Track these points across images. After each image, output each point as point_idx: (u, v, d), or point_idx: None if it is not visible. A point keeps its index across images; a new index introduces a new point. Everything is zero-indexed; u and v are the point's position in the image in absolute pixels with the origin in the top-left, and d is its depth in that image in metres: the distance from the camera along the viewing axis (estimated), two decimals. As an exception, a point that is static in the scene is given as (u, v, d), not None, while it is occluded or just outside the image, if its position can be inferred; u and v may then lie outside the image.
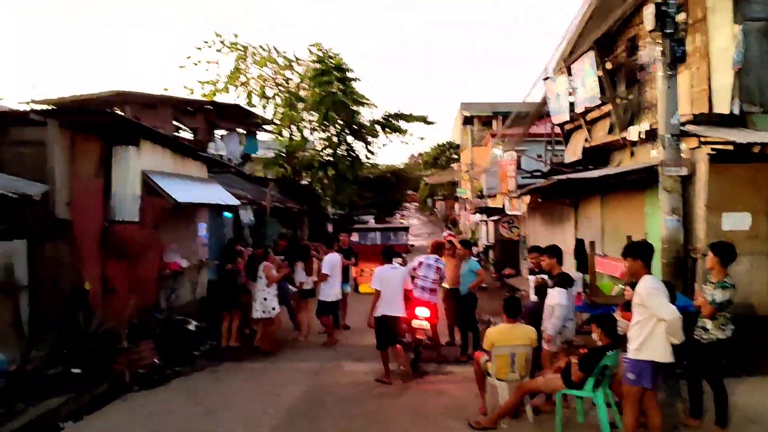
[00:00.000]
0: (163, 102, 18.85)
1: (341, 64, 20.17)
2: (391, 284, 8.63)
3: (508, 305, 6.96)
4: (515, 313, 6.93)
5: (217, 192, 12.85)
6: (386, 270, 8.78)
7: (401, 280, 8.79)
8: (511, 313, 6.91)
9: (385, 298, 8.58)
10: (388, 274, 8.72)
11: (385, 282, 8.62)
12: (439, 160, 66.38)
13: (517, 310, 6.94)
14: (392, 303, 8.59)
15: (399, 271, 8.88)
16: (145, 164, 10.64)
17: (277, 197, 20.31)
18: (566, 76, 14.23)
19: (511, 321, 6.90)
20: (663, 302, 5.33)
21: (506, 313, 6.94)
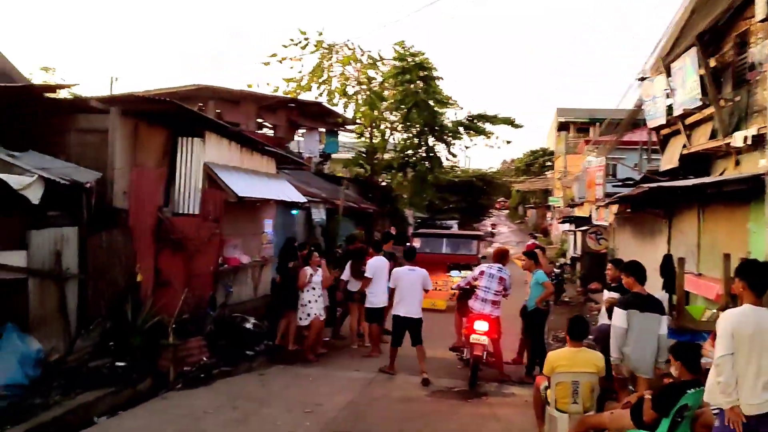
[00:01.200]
0: (245, 98, 18.91)
1: (423, 62, 19.55)
2: (407, 285, 8.84)
3: (573, 326, 6.10)
4: (580, 335, 6.06)
5: (284, 188, 12.56)
6: (404, 271, 9.01)
7: (419, 282, 8.92)
8: (576, 335, 6.05)
9: (403, 300, 8.83)
10: (404, 275, 8.94)
11: (401, 283, 8.88)
12: (532, 167, 64.61)
13: (582, 332, 6.08)
14: (411, 304, 8.82)
15: (417, 273, 8.99)
16: (208, 156, 10.44)
17: (352, 197, 19.96)
18: (664, 75, 12.96)
19: (576, 344, 6.04)
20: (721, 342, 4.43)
21: (570, 335, 6.09)
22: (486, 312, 8.55)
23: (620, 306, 6.51)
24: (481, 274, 8.80)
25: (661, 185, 10.03)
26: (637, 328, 6.37)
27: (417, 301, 8.92)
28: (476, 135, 21.87)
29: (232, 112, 18.59)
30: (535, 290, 9.07)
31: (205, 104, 17.97)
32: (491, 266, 8.85)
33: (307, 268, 9.94)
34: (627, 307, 6.43)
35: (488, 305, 8.60)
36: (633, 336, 6.40)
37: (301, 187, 16.83)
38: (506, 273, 8.82)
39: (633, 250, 15.44)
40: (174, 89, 17.37)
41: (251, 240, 12.03)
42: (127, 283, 8.65)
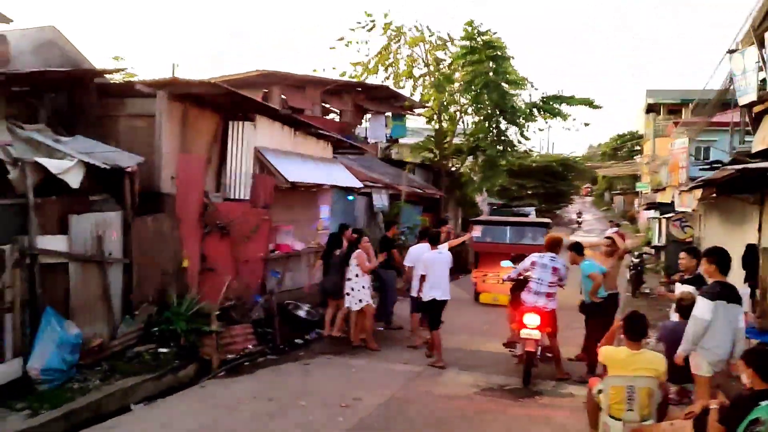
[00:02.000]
0: (310, 83, 18.79)
1: (493, 42, 18.68)
2: (435, 269, 8.81)
3: (630, 323, 5.43)
4: (639, 333, 5.38)
5: (339, 173, 12.25)
6: (433, 255, 8.95)
7: (446, 265, 8.96)
8: (633, 333, 5.37)
9: (433, 283, 8.77)
10: (433, 259, 8.90)
11: (430, 267, 8.84)
12: (619, 152, 61.90)
13: (641, 331, 5.39)
14: (440, 287, 8.78)
15: (444, 255, 9.00)
16: (259, 141, 10.27)
17: (418, 183, 19.47)
18: (756, 47, 11.70)
19: (633, 344, 5.36)
20: None
21: (627, 334, 5.41)
22: (540, 305, 7.89)
23: (707, 296, 5.77)
24: (532, 264, 8.14)
25: (746, 167, 8.97)
26: (720, 321, 5.66)
27: (447, 283, 8.99)
28: (551, 117, 20.82)
29: (296, 97, 18.52)
30: (586, 283, 8.31)
31: (270, 90, 17.95)
32: (543, 256, 8.16)
33: (363, 253, 9.55)
34: (715, 298, 5.70)
35: (542, 297, 7.94)
36: (716, 329, 5.70)
37: (363, 172, 16.55)
38: (560, 262, 8.12)
39: (720, 239, 14.18)
40: (237, 76, 17.44)
41: (306, 226, 11.82)
42: (174, 269, 8.59)
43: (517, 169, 37.92)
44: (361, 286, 9.42)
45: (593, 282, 8.13)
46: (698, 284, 7.11)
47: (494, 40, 18.95)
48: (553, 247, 8.26)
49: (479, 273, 12.38)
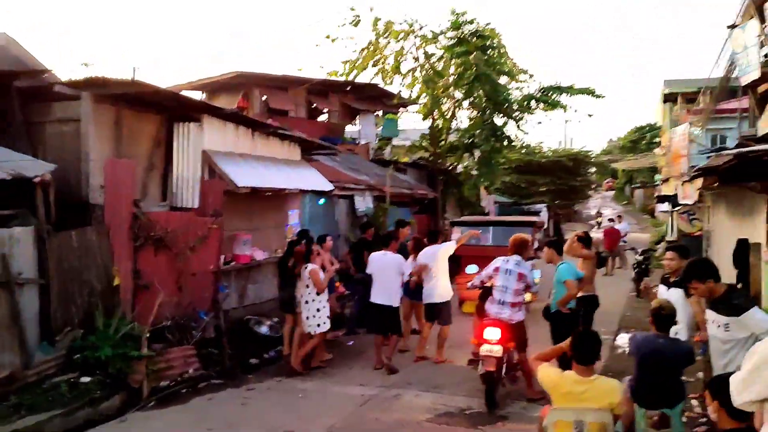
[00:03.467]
0: (292, 83, 17.97)
1: (480, 31, 17.67)
2: (384, 272, 8.48)
3: (579, 343, 4.48)
4: (589, 356, 4.42)
5: (307, 176, 11.38)
6: (377, 256, 8.70)
7: (396, 268, 8.53)
8: (583, 355, 4.42)
9: (379, 286, 8.49)
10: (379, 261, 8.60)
11: (377, 269, 8.55)
12: (638, 144, 60.30)
13: (591, 352, 4.43)
14: (386, 292, 8.44)
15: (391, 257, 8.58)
16: (208, 144, 9.46)
17: (409, 183, 18.55)
18: (757, 19, 10.63)
19: (584, 369, 4.41)
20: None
21: (575, 356, 4.46)
22: (504, 316, 6.94)
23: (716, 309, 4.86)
24: (495, 270, 7.18)
25: (742, 151, 7.92)
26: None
27: (397, 288, 8.58)
28: (550, 109, 19.74)
29: (279, 98, 17.73)
30: (559, 289, 7.33)
31: (249, 92, 17.18)
32: (507, 260, 7.20)
33: (317, 270, 8.46)
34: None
35: (506, 308, 6.98)
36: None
37: (346, 174, 15.69)
38: (526, 267, 7.15)
39: (729, 232, 13.06)
40: (213, 78, 16.71)
41: (271, 234, 10.97)
42: (103, 287, 7.80)
43: (525, 165, 36.79)
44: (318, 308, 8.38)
45: (567, 290, 7.14)
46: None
47: (482, 29, 17.94)
48: (519, 249, 7.28)
49: (462, 279, 11.37)
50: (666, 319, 5.31)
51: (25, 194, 7.17)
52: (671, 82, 44.40)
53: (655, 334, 5.29)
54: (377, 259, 8.70)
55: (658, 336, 5.25)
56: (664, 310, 5.38)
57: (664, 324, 5.30)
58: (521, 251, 7.25)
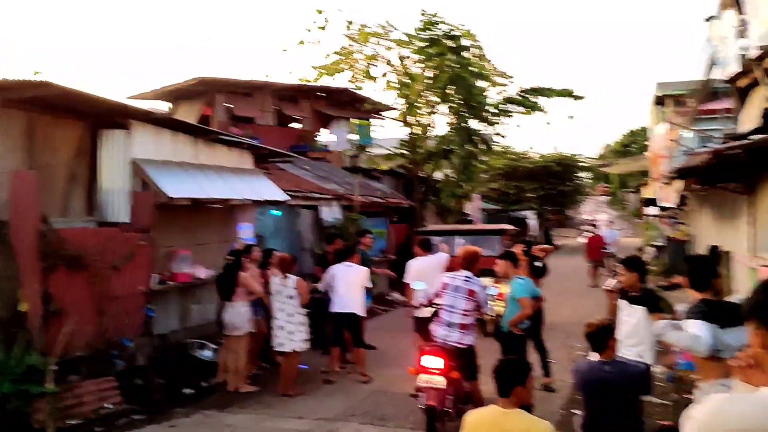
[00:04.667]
0: (259, 89, 17.19)
1: (453, 30, 16.92)
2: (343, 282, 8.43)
3: (501, 371, 3.66)
4: (509, 385, 3.60)
5: (258, 186, 10.55)
6: (339, 269, 8.56)
7: (357, 278, 8.49)
8: (503, 384, 3.60)
9: (338, 296, 8.44)
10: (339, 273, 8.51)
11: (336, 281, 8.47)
12: (630, 148, 59.82)
13: (511, 380, 3.60)
14: (345, 300, 8.40)
15: (354, 269, 8.54)
16: (139, 152, 8.64)
17: (384, 192, 17.73)
18: (735, 9, 9.90)
19: (505, 401, 3.58)
20: None
21: (496, 385, 3.64)
22: (451, 340, 6.13)
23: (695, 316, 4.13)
24: (443, 287, 6.37)
25: (719, 148, 7.17)
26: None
27: (357, 296, 8.50)
28: (528, 112, 19.00)
29: (244, 105, 16.94)
30: (511, 306, 6.52)
31: (213, 99, 16.39)
32: (455, 276, 6.39)
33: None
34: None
35: (455, 330, 6.17)
36: None
37: (313, 183, 14.92)
38: (477, 284, 6.33)
39: (714, 237, 12.31)
40: (176, 85, 15.93)
41: (218, 250, 10.13)
42: (7, 315, 6.95)
43: (512, 171, 36.06)
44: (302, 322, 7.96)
45: (521, 309, 6.33)
46: (649, 302, 5.42)
47: (455, 27, 17.20)
48: (469, 263, 6.47)
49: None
50: (598, 337, 4.47)
51: None
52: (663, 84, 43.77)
53: (600, 361, 4.46)
54: (340, 272, 8.55)
55: (603, 363, 4.42)
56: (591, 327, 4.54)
57: (599, 344, 4.46)
58: (472, 266, 6.43)
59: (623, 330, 5.47)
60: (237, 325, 7.96)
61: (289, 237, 13.06)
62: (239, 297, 8.02)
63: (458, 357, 6.11)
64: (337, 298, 8.42)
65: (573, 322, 10.22)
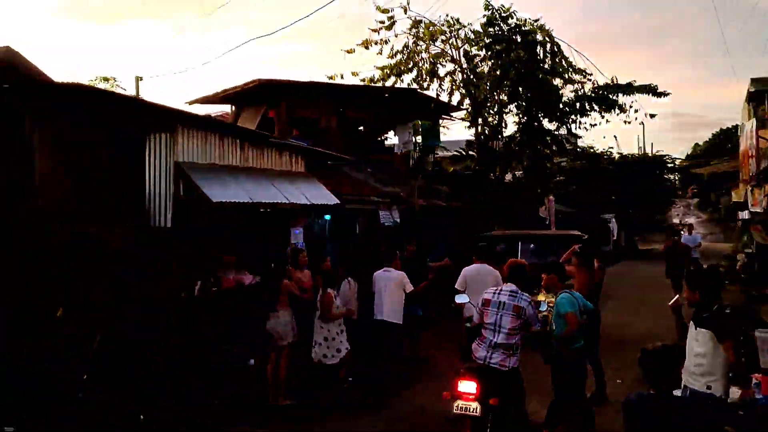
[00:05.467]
0: (322, 91, 16.98)
1: (521, 25, 16.08)
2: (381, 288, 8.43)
3: None
4: None
5: (308, 190, 10.24)
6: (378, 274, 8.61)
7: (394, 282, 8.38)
8: None
9: (375, 304, 8.45)
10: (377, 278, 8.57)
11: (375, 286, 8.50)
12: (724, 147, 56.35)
13: None
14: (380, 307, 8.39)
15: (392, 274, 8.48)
16: (186, 156, 8.53)
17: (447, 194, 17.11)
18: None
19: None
20: None
21: None
22: (494, 361, 5.53)
23: None
24: (486, 303, 5.79)
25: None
26: None
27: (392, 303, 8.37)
28: (606, 110, 17.86)
29: (307, 107, 16.78)
30: (558, 325, 5.85)
31: (274, 102, 16.30)
32: (499, 291, 5.79)
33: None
34: None
35: (498, 352, 5.57)
36: None
37: (373, 186, 14.55)
38: (525, 299, 5.70)
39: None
40: (235, 89, 15.96)
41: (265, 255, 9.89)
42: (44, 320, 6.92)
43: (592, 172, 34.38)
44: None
45: (568, 326, 5.67)
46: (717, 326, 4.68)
47: (523, 21, 16.35)
48: (515, 276, 5.86)
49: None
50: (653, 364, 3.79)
51: None
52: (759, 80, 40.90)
53: (653, 393, 3.79)
54: (379, 277, 8.60)
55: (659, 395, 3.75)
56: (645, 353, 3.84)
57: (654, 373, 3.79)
58: (518, 279, 5.82)
59: (690, 356, 4.75)
60: (280, 334, 7.66)
61: (346, 241, 12.74)
62: (282, 306, 7.73)
63: (501, 381, 5.51)
64: (375, 305, 8.42)
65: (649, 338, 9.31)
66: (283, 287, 7.80)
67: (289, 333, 7.83)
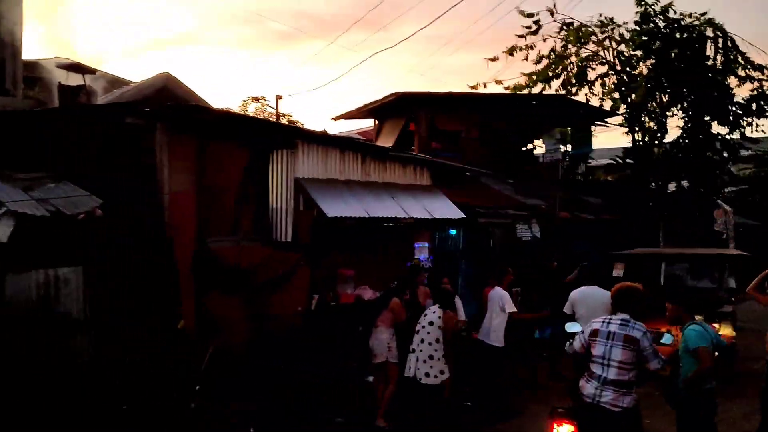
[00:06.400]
0: (463, 102, 16.60)
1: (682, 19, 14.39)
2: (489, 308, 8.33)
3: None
4: None
5: (431, 204, 9.92)
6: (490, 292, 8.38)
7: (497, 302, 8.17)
8: None
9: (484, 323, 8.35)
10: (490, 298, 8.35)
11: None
12: None
13: None
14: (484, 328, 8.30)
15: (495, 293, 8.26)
16: (304, 171, 8.66)
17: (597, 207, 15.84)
18: None
19: None
20: None
21: None
22: (605, 401, 4.81)
23: None
24: (593, 335, 5.06)
25: None
26: None
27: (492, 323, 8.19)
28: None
29: (447, 119, 16.48)
30: (686, 361, 4.93)
31: (414, 113, 16.20)
32: (609, 320, 5.03)
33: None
34: None
35: (609, 390, 4.83)
36: None
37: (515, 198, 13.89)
38: (639, 329, 4.89)
39: None
40: (375, 103, 16.10)
41: (386, 270, 9.71)
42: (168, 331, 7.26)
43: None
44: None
45: (700, 363, 4.80)
46: None
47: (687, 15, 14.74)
48: (625, 303, 5.08)
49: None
50: None
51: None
52: None
53: None
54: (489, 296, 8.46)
55: None
56: None
57: None
58: (629, 307, 5.05)
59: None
60: (375, 351, 7.41)
61: (479, 256, 12.23)
62: (383, 322, 7.48)
63: (612, 423, 4.78)
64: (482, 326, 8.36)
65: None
66: (391, 304, 7.55)
67: (384, 351, 7.49)
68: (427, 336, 7.05)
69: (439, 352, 7.01)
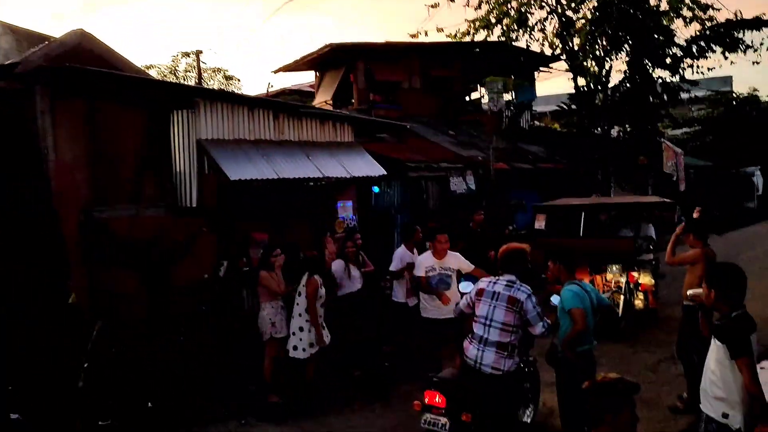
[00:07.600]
0: (403, 51, 16.09)
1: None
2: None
3: None
4: None
5: (350, 161, 9.53)
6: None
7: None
8: None
9: None
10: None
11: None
12: None
13: None
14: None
15: None
16: (211, 132, 8.19)
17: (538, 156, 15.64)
18: None
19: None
20: None
21: None
22: (486, 362, 4.61)
23: None
24: (478, 294, 4.83)
25: None
26: None
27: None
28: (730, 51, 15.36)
29: (387, 70, 16.02)
30: (563, 321, 4.76)
31: (353, 66, 15.69)
32: (495, 281, 4.81)
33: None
34: None
35: (490, 351, 4.63)
36: None
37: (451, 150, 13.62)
38: (523, 291, 4.68)
39: None
40: (311, 55, 15.53)
41: (305, 232, 9.38)
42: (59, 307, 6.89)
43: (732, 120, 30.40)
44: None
45: (574, 325, 4.61)
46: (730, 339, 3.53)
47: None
48: (512, 264, 4.85)
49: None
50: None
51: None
52: None
53: None
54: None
55: None
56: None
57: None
58: (515, 268, 4.82)
59: (706, 374, 3.62)
60: (261, 329, 7.00)
61: (414, 211, 11.99)
62: (263, 298, 7.03)
63: (491, 386, 4.60)
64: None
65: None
66: (259, 278, 6.96)
67: (266, 328, 6.92)
68: (296, 307, 6.68)
69: (308, 324, 6.61)
